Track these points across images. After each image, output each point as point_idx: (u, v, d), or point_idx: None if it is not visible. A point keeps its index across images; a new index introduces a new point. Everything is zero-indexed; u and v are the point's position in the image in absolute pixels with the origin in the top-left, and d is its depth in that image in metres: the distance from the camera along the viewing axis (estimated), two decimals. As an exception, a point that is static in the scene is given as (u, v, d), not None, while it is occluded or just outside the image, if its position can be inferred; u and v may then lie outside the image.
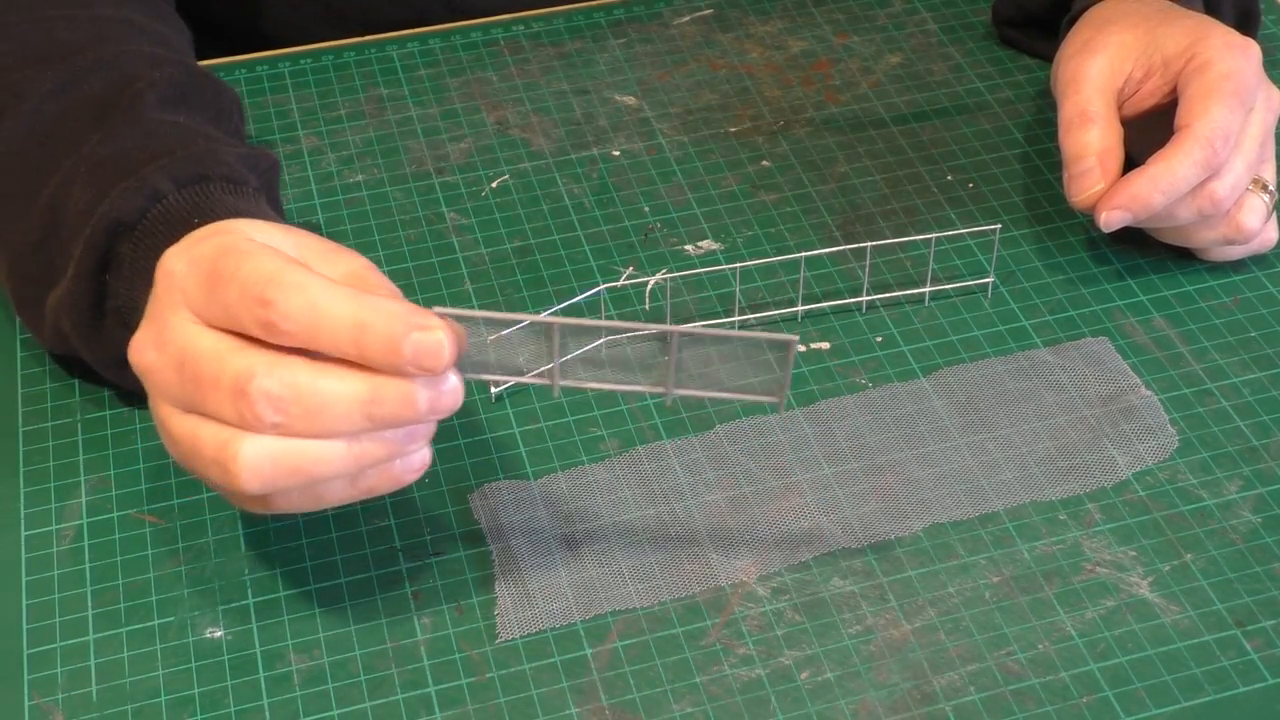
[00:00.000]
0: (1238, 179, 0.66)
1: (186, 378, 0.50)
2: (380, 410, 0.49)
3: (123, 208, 0.58)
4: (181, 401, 0.51)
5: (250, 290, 0.49)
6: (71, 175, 0.61)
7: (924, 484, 0.62)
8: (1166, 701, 0.55)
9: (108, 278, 0.59)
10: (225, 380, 0.49)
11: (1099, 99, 0.68)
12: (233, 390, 0.49)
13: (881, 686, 0.55)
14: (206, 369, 0.49)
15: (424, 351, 0.48)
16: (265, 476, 0.50)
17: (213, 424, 0.50)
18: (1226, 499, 0.61)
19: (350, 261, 0.53)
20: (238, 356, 0.49)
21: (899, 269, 0.71)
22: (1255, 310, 0.69)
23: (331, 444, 0.50)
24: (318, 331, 0.48)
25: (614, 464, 0.63)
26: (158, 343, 0.51)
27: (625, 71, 0.83)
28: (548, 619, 0.57)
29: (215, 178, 0.59)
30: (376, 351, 0.48)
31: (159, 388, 0.52)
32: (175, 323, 0.51)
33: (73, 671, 0.56)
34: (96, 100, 0.63)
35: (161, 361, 0.51)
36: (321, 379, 0.49)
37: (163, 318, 0.51)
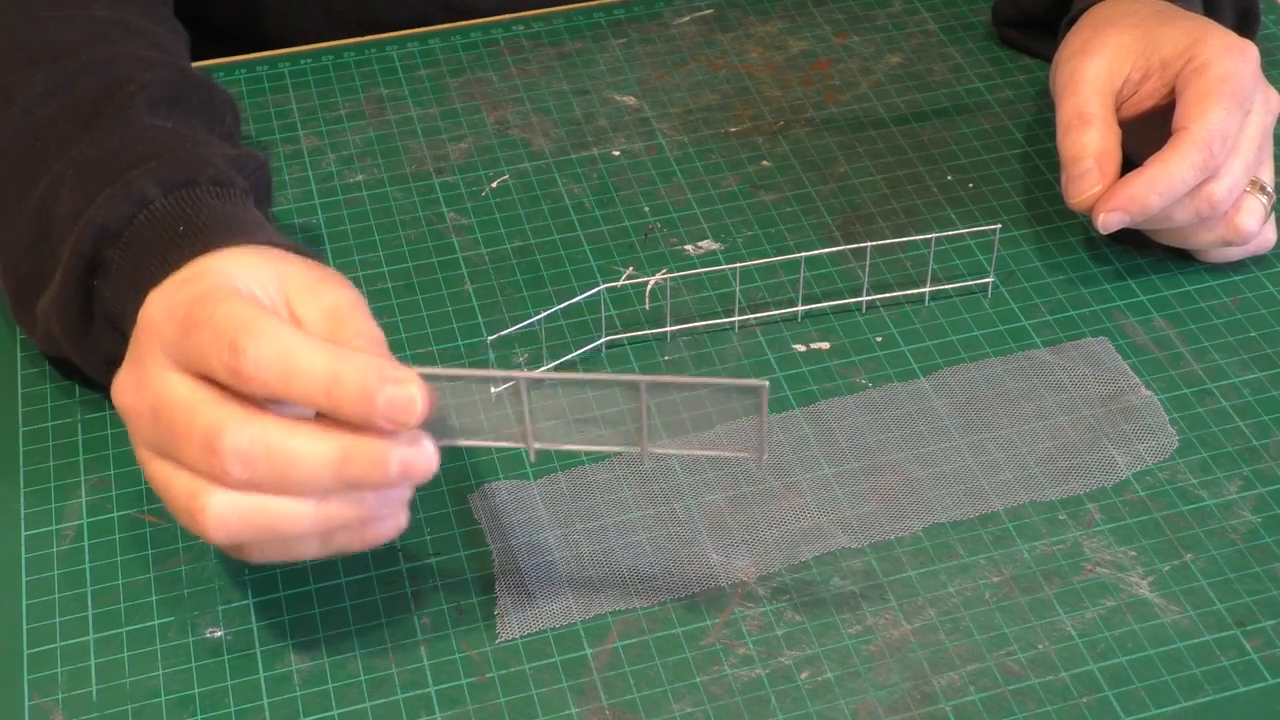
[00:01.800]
0: (1235, 181, 0.66)
1: (161, 425, 0.50)
2: (351, 471, 0.49)
3: (109, 214, 0.58)
4: (156, 447, 0.51)
5: (222, 336, 0.49)
6: (60, 178, 0.61)
7: (924, 484, 0.62)
8: (1166, 701, 0.55)
9: (96, 283, 0.59)
10: (196, 432, 0.49)
11: (1097, 100, 0.68)
12: (203, 443, 0.49)
13: (881, 686, 0.55)
14: (180, 419, 0.49)
15: (397, 405, 0.48)
16: (231, 529, 0.50)
17: (185, 473, 0.50)
18: (1226, 499, 0.61)
19: (335, 294, 0.52)
20: (210, 409, 0.49)
21: (899, 269, 0.71)
22: (1255, 310, 0.69)
23: (300, 503, 0.49)
24: (289, 381, 0.48)
25: (614, 464, 0.63)
26: (136, 386, 0.51)
27: (625, 71, 0.83)
28: (548, 619, 0.57)
29: (202, 181, 0.59)
30: (348, 403, 0.48)
31: (137, 430, 0.52)
32: (152, 368, 0.51)
33: (73, 671, 0.56)
34: (87, 103, 0.63)
35: (139, 405, 0.51)
36: (293, 437, 0.49)
37: (141, 362, 0.51)
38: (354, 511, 0.50)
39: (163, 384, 0.50)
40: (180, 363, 0.50)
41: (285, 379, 0.48)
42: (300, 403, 0.49)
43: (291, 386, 0.48)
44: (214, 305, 0.50)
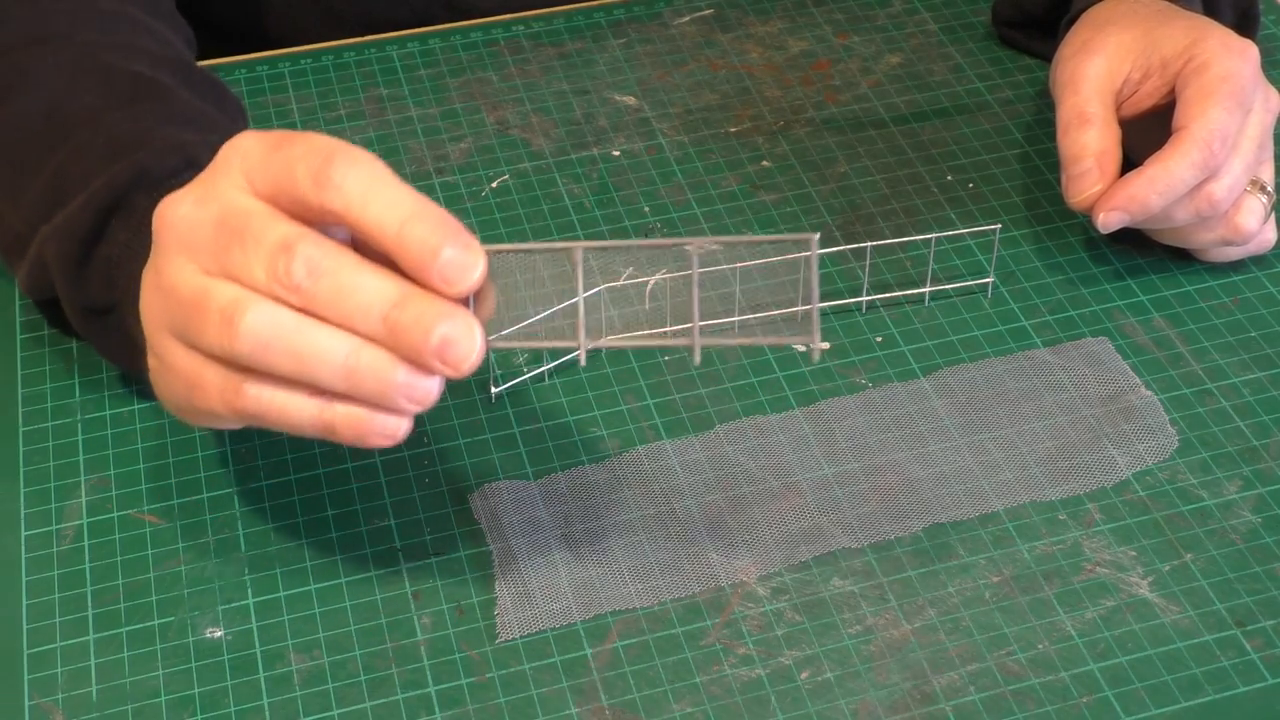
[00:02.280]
0: (1235, 180, 0.66)
1: (225, 231, 0.49)
2: (401, 317, 0.48)
3: (156, 161, 0.58)
4: (206, 256, 0.49)
5: (317, 151, 0.48)
6: (89, 143, 0.60)
7: (924, 484, 0.62)
8: (1166, 701, 0.55)
9: (114, 221, 0.58)
10: (271, 236, 0.48)
11: (1097, 100, 0.68)
12: (278, 245, 0.48)
13: (881, 686, 0.55)
14: (254, 225, 0.49)
15: (457, 264, 0.48)
16: (262, 339, 0.48)
17: (230, 284, 0.49)
18: (1226, 499, 0.61)
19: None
20: (289, 224, 0.49)
21: (899, 269, 0.71)
22: (1255, 310, 0.69)
23: (335, 338, 0.48)
24: (370, 199, 0.48)
25: (614, 464, 0.63)
26: (200, 199, 0.50)
27: (625, 71, 0.83)
28: (548, 619, 0.57)
29: None
30: (414, 243, 0.48)
31: (183, 241, 0.50)
32: (226, 186, 0.50)
33: (73, 671, 0.56)
34: (110, 79, 0.63)
35: (199, 216, 0.50)
36: (362, 266, 0.48)
37: (212, 181, 0.50)
38: (375, 384, 0.49)
39: (238, 198, 0.49)
40: (260, 184, 0.49)
41: (367, 197, 0.48)
42: (370, 228, 0.48)
43: (371, 206, 0.48)
44: (312, 135, 0.49)
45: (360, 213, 0.48)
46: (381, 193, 0.48)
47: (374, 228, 0.48)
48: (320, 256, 0.48)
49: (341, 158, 0.48)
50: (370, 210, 0.48)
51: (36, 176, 0.61)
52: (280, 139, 0.50)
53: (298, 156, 0.49)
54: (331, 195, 0.48)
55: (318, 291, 0.48)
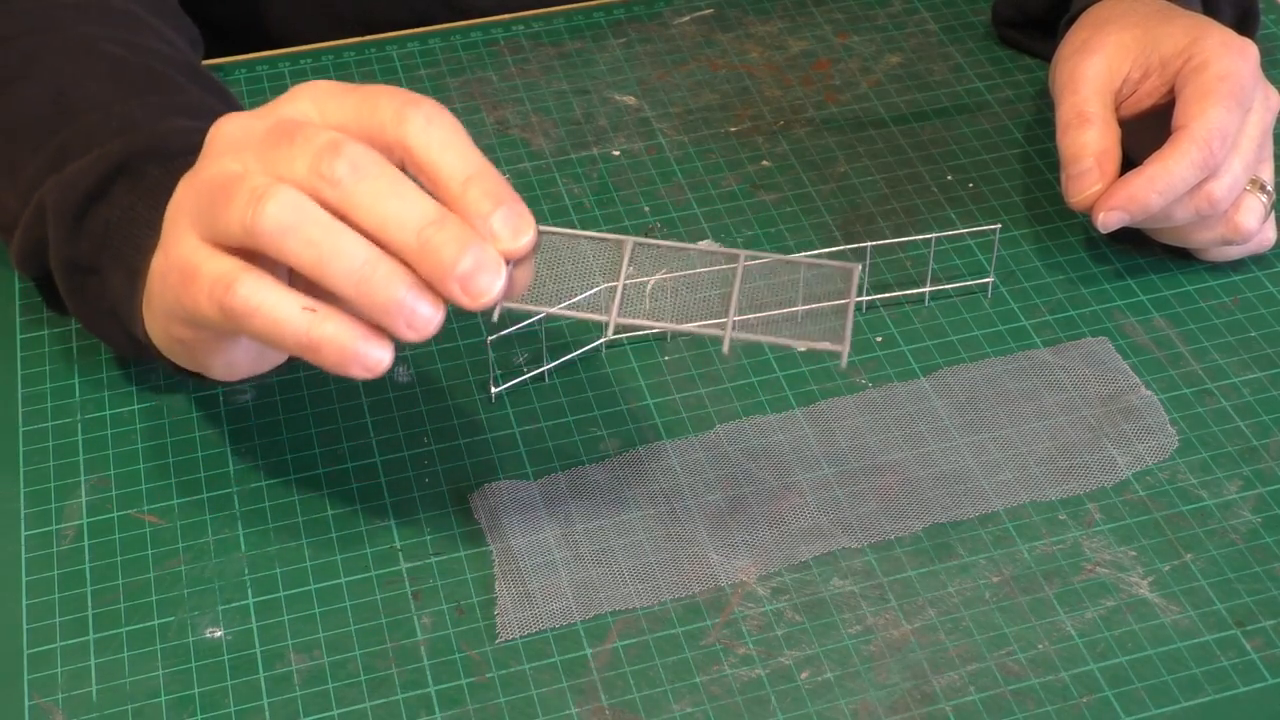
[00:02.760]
0: (1235, 179, 0.66)
1: (276, 133, 0.49)
2: (435, 235, 0.48)
3: (175, 140, 0.58)
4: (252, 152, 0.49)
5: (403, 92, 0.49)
6: (98, 127, 0.60)
7: (924, 484, 0.62)
8: (1166, 701, 0.55)
9: (120, 182, 0.58)
10: (323, 137, 0.48)
11: (1096, 99, 0.68)
12: (327, 144, 0.48)
13: (881, 686, 0.55)
14: (308, 129, 0.49)
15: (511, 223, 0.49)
16: (284, 224, 0.48)
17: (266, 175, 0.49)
18: (1226, 499, 0.61)
19: None
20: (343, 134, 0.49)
21: (899, 269, 0.71)
22: (1255, 310, 0.69)
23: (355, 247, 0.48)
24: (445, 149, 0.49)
25: (614, 464, 0.63)
26: (259, 115, 0.51)
27: (625, 71, 0.83)
28: (548, 619, 0.57)
29: None
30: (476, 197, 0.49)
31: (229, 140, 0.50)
32: (293, 108, 0.51)
33: (73, 671, 0.56)
34: (117, 67, 0.63)
35: (253, 125, 0.50)
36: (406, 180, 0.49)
37: (278, 106, 0.51)
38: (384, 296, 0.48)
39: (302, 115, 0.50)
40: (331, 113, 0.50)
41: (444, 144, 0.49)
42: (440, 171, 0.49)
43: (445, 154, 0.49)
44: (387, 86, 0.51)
45: (436, 156, 0.49)
46: (457, 143, 0.49)
47: (443, 173, 0.49)
48: (368, 161, 0.48)
49: (428, 104, 0.49)
50: (445, 156, 0.49)
51: (39, 151, 0.61)
52: (356, 86, 0.51)
53: (383, 94, 0.49)
54: (412, 132, 0.49)
55: (358, 190, 0.48)
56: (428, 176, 0.49)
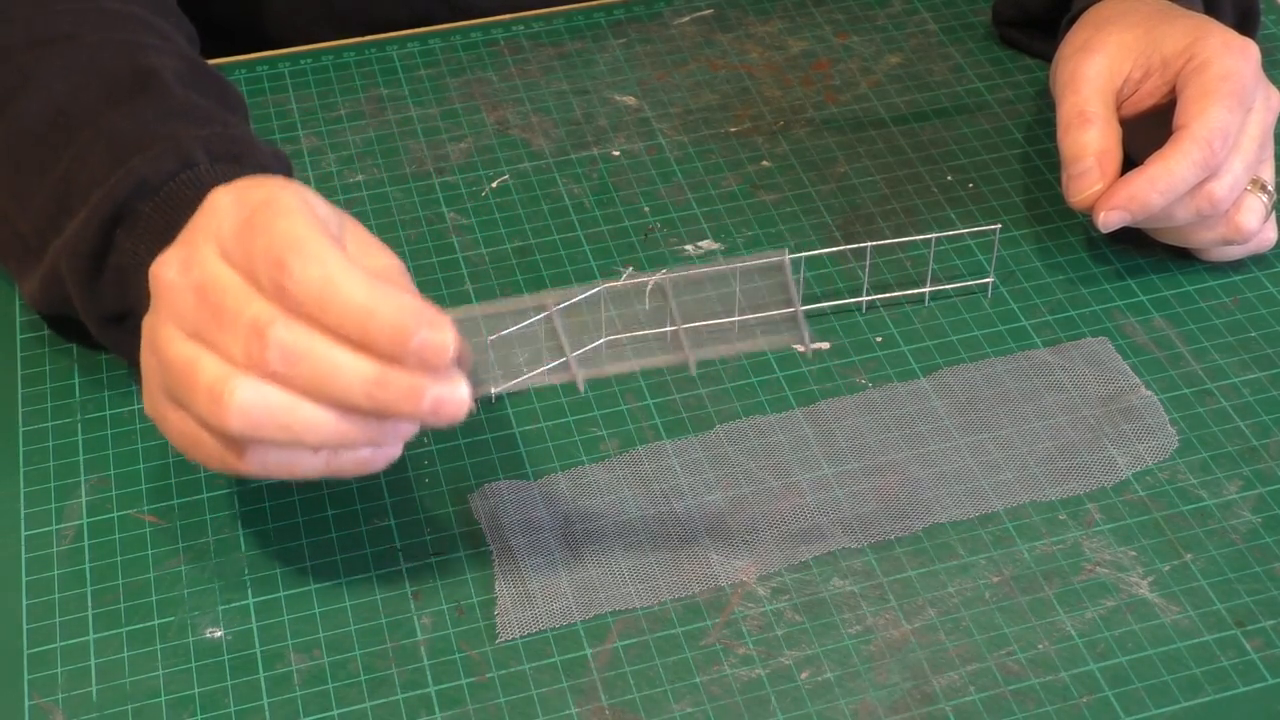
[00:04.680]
0: (1236, 179, 0.66)
1: (206, 305, 0.50)
2: (384, 395, 0.49)
3: (152, 168, 0.59)
4: (191, 327, 0.50)
5: (273, 250, 0.49)
6: (88, 148, 0.61)
7: (924, 484, 0.62)
8: (1166, 701, 0.55)
9: (119, 232, 0.59)
10: (245, 318, 0.49)
11: (1097, 99, 0.68)
12: (250, 329, 0.49)
13: (881, 686, 0.55)
14: (229, 303, 0.49)
15: (429, 348, 0.48)
16: (252, 420, 0.49)
17: (216, 357, 0.50)
18: (1226, 499, 0.61)
19: (384, 258, 0.53)
20: (261, 303, 0.49)
21: (899, 269, 0.71)
22: (1255, 310, 0.69)
23: (323, 412, 0.50)
24: (326, 307, 0.48)
25: (614, 464, 0.63)
26: (184, 265, 0.51)
27: (625, 71, 0.83)
28: (548, 619, 0.57)
29: (246, 163, 0.60)
30: (382, 338, 0.48)
31: (171, 308, 0.51)
32: (206, 253, 0.51)
33: (73, 671, 0.56)
34: (110, 76, 0.63)
35: (183, 284, 0.51)
36: (337, 348, 0.49)
37: (194, 244, 0.51)
38: (368, 434, 0.51)
39: (215, 268, 0.50)
40: (230, 259, 0.50)
41: (323, 304, 0.48)
42: (335, 329, 0.49)
43: (328, 312, 0.48)
44: (276, 216, 0.50)
45: (321, 316, 0.49)
46: (337, 295, 0.48)
47: (337, 328, 0.49)
48: (292, 341, 0.49)
49: (293, 264, 0.48)
50: (330, 314, 0.49)
51: (43, 180, 0.62)
52: (247, 223, 0.50)
53: (257, 256, 0.49)
54: (291, 304, 0.49)
55: (296, 375, 0.49)
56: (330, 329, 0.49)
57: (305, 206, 0.51)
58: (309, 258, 0.49)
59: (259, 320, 0.49)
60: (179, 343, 0.51)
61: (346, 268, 0.49)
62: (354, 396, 0.49)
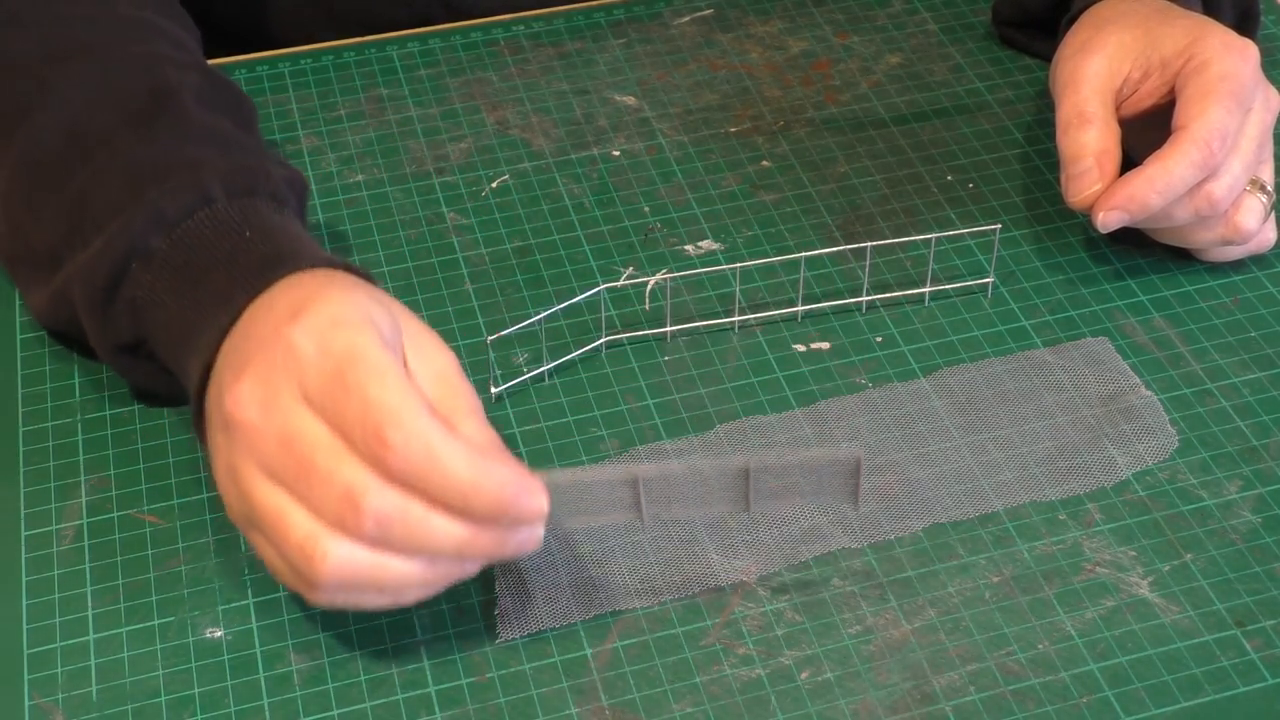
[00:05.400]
0: (1235, 180, 0.66)
1: (293, 459, 0.50)
2: (473, 550, 0.51)
3: (169, 203, 0.59)
4: (277, 474, 0.51)
5: (371, 421, 0.49)
6: (104, 170, 0.61)
7: (924, 484, 0.62)
8: (1166, 701, 0.55)
9: (134, 265, 0.59)
10: (338, 482, 0.49)
11: (1097, 99, 0.68)
12: (344, 496, 0.49)
13: (881, 686, 0.55)
14: (320, 461, 0.50)
15: (525, 515, 0.50)
16: (345, 579, 0.50)
17: (304, 510, 0.50)
18: (1226, 499, 0.61)
19: (443, 358, 0.54)
20: (354, 465, 0.49)
21: (899, 269, 0.71)
22: (1255, 310, 0.69)
23: (410, 564, 0.51)
24: (427, 481, 0.49)
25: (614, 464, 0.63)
26: (264, 408, 0.51)
27: (625, 71, 0.83)
28: (548, 619, 0.57)
29: (262, 193, 0.60)
30: (481, 511, 0.50)
31: (254, 449, 0.51)
32: (288, 399, 0.50)
33: (73, 671, 0.56)
34: (128, 96, 0.63)
35: (265, 427, 0.51)
36: (432, 514, 0.50)
37: (274, 386, 0.51)
38: (460, 570, 0.52)
39: (300, 419, 0.50)
40: (320, 408, 0.50)
41: (424, 479, 0.49)
42: (433, 499, 0.50)
43: (429, 485, 0.49)
44: (368, 378, 0.50)
45: (421, 486, 0.49)
46: (440, 470, 0.49)
47: (438, 498, 0.50)
48: (388, 509, 0.49)
49: (395, 439, 0.49)
50: (432, 486, 0.49)
51: (57, 198, 0.62)
52: (336, 378, 0.50)
53: (353, 423, 0.49)
54: (389, 469, 0.49)
55: (389, 538, 0.50)
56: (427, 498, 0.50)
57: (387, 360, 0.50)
58: (410, 433, 0.49)
59: (354, 488, 0.49)
60: (265, 488, 0.51)
61: (446, 441, 0.49)
62: (444, 553, 0.51)
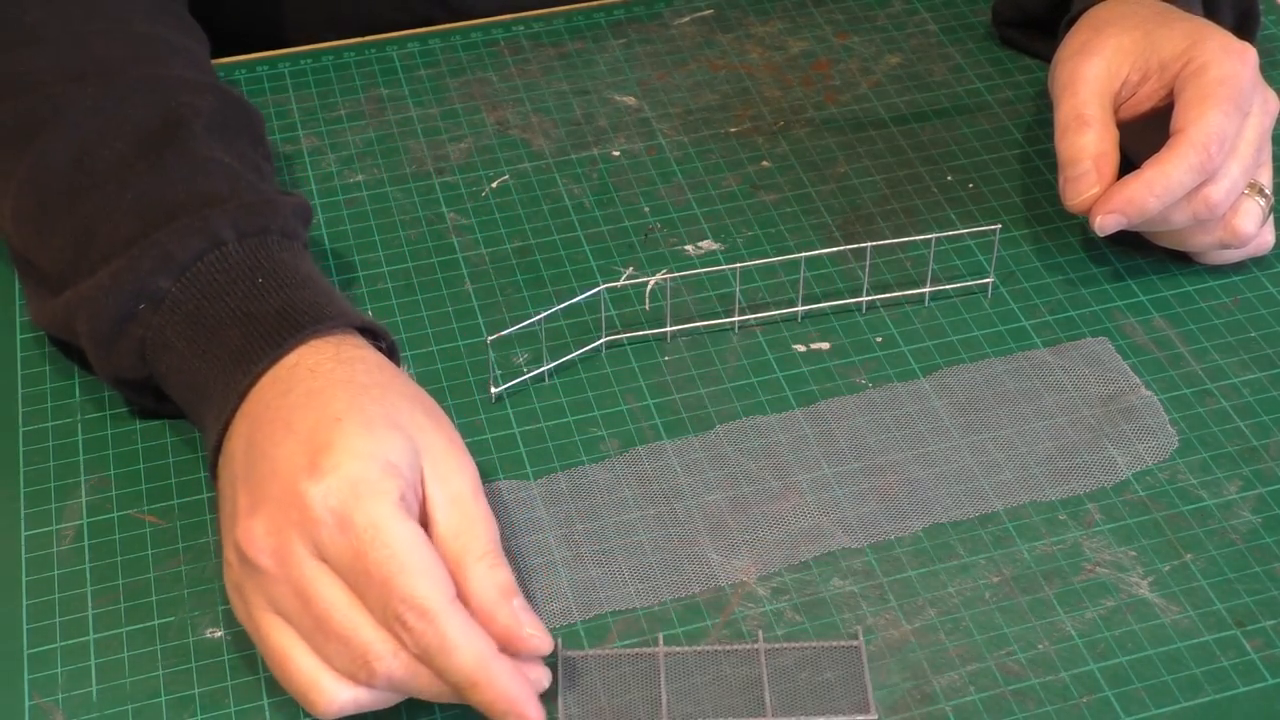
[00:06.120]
0: (1233, 183, 0.66)
1: (308, 613, 0.51)
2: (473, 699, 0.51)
3: (178, 245, 0.59)
4: (291, 620, 0.52)
5: (392, 604, 0.50)
6: (113, 199, 0.61)
7: (924, 484, 0.62)
8: (1166, 701, 0.55)
9: (141, 307, 0.59)
10: (355, 644, 0.51)
11: (1095, 102, 0.68)
12: (359, 657, 0.51)
13: (881, 686, 0.55)
14: (337, 622, 0.51)
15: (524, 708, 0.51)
16: (345, 709, 0.52)
17: (310, 654, 0.52)
18: (1226, 499, 0.61)
19: (462, 480, 0.54)
20: (371, 630, 0.51)
21: (899, 269, 0.71)
22: (1255, 310, 0.69)
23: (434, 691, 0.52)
24: (436, 663, 0.50)
25: (614, 464, 0.63)
26: (279, 557, 0.52)
27: (625, 72, 0.83)
28: (548, 619, 0.57)
29: (273, 230, 0.60)
30: (479, 706, 0.51)
31: (268, 595, 0.52)
32: (303, 555, 0.51)
33: (73, 671, 0.56)
34: (140, 123, 0.63)
35: (280, 577, 0.52)
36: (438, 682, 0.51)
37: (289, 538, 0.51)
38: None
39: (315, 577, 0.51)
40: (338, 571, 0.51)
41: (434, 661, 0.50)
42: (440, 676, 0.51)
43: (436, 666, 0.51)
44: (389, 563, 0.50)
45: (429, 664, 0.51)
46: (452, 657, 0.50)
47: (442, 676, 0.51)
48: (401, 673, 0.51)
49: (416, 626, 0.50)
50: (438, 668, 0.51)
51: (64, 222, 0.62)
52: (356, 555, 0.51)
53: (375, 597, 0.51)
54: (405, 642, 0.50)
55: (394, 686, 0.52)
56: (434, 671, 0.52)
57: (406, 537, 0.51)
58: (430, 619, 0.50)
59: (370, 651, 0.51)
60: (274, 625, 0.52)
61: (465, 631, 0.50)
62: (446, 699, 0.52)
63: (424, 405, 0.56)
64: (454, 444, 0.55)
